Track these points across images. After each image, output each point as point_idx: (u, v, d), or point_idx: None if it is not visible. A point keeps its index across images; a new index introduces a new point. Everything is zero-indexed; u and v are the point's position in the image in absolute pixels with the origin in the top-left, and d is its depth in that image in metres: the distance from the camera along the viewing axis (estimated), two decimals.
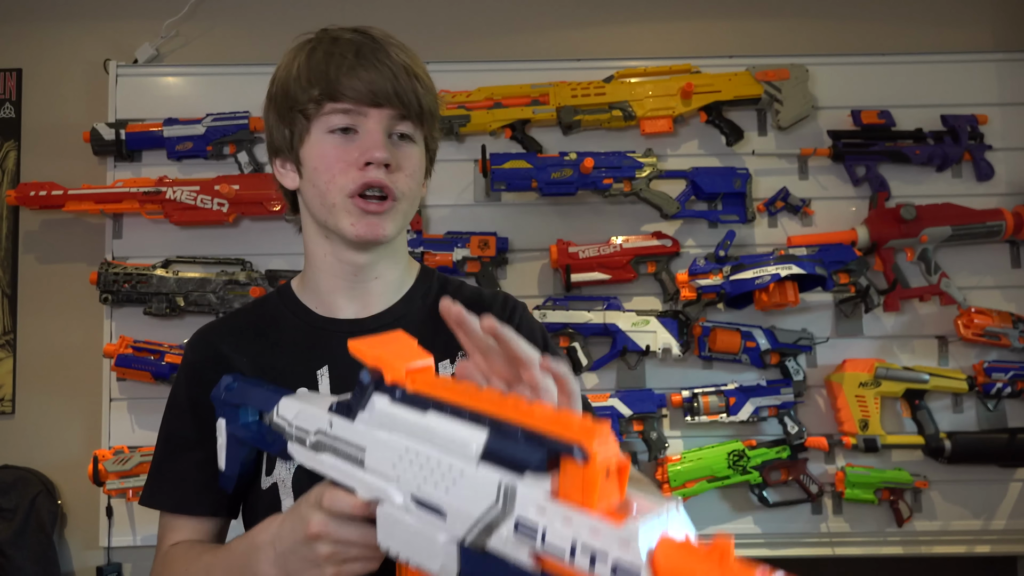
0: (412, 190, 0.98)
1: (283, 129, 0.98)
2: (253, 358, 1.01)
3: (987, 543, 2.19)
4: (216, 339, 1.04)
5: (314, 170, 0.96)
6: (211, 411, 0.96)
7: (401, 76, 0.94)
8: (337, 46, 0.95)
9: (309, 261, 1.05)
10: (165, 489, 1.02)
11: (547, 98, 2.21)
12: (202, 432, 0.98)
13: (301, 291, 1.06)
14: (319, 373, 0.99)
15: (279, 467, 0.97)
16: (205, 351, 1.03)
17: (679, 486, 2.08)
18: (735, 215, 2.21)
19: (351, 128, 0.95)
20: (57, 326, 2.26)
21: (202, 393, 0.96)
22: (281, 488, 0.97)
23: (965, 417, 2.21)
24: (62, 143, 2.29)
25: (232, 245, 2.22)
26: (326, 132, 0.95)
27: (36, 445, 2.22)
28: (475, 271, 2.17)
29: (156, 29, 2.33)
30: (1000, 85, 2.31)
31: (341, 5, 2.33)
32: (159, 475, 1.03)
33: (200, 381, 0.99)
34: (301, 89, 0.95)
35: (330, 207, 0.96)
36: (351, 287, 1.02)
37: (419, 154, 0.99)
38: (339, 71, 0.93)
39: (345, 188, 0.94)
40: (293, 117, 0.97)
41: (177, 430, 1.02)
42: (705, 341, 2.16)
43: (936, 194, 2.24)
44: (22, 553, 2.11)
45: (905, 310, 2.24)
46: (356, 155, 0.94)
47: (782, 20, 2.40)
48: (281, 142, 1.00)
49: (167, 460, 1.03)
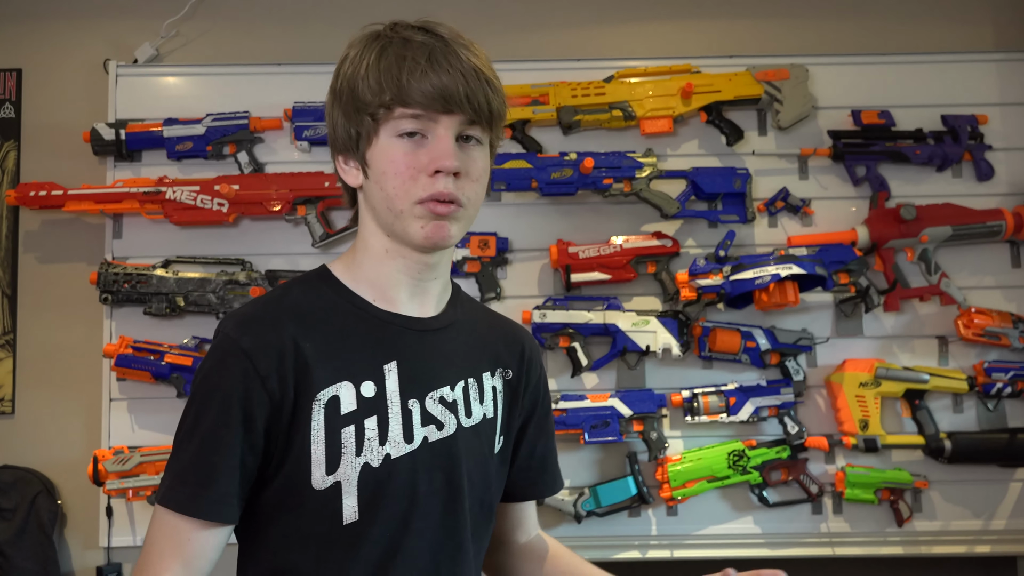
0: (478, 195, 0.98)
1: (349, 128, 0.97)
2: (318, 345, 0.95)
3: (987, 543, 2.18)
4: (273, 325, 0.94)
5: (383, 174, 0.95)
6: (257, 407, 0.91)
7: (472, 80, 0.93)
8: (408, 49, 0.93)
9: (367, 253, 1.00)
10: (193, 491, 0.92)
11: (547, 98, 2.21)
12: (249, 430, 0.92)
13: (352, 282, 1.01)
14: (387, 368, 0.97)
15: (345, 465, 0.93)
16: (262, 339, 0.93)
17: (679, 486, 2.08)
18: (735, 215, 2.21)
19: (419, 132, 0.94)
20: (57, 326, 2.26)
21: (254, 386, 0.91)
22: (344, 487, 0.93)
23: (965, 417, 2.21)
24: (62, 143, 2.29)
25: (232, 245, 2.22)
26: (395, 136, 0.94)
27: (36, 445, 2.22)
28: (475, 271, 2.17)
29: (156, 29, 2.33)
30: (1000, 85, 2.31)
31: (341, 6, 2.33)
32: (184, 473, 0.93)
33: (253, 373, 0.91)
34: (371, 91, 0.93)
35: (397, 213, 0.95)
36: (415, 284, 1.01)
37: (485, 157, 0.99)
38: (411, 76, 0.92)
39: (415, 196, 0.94)
40: (360, 118, 0.95)
41: (216, 422, 0.92)
42: (705, 341, 2.16)
43: (936, 194, 2.24)
44: (22, 553, 2.11)
45: (905, 310, 2.24)
46: (425, 162, 0.93)
47: (782, 20, 2.40)
48: (346, 141, 0.98)
49: (196, 455, 0.92)
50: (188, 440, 0.94)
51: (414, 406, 0.98)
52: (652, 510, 2.17)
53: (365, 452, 0.94)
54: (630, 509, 2.15)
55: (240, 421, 0.92)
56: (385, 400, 0.96)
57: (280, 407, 0.92)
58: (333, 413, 0.94)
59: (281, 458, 0.94)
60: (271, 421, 0.93)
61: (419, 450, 0.97)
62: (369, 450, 0.94)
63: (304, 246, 2.20)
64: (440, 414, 0.99)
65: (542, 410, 1.15)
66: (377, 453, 0.95)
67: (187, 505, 0.92)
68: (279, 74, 2.26)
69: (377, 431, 0.95)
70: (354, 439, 0.94)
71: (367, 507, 0.94)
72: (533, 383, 1.13)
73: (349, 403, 0.94)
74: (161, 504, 0.93)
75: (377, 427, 0.95)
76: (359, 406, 0.95)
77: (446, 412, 1.00)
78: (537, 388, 1.14)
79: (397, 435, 0.96)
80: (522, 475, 1.14)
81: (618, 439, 2.10)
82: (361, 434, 0.94)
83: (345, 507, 0.93)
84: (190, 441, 0.93)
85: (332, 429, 0.93)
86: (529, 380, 1.12)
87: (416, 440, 0.97)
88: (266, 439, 0.93)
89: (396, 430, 0.96)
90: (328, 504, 0.93)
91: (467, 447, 1.01)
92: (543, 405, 1.15)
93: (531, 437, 1.14)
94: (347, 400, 0.94)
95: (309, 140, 2.20)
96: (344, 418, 0.94)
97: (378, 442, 0.95)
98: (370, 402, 0.95)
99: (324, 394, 0.94)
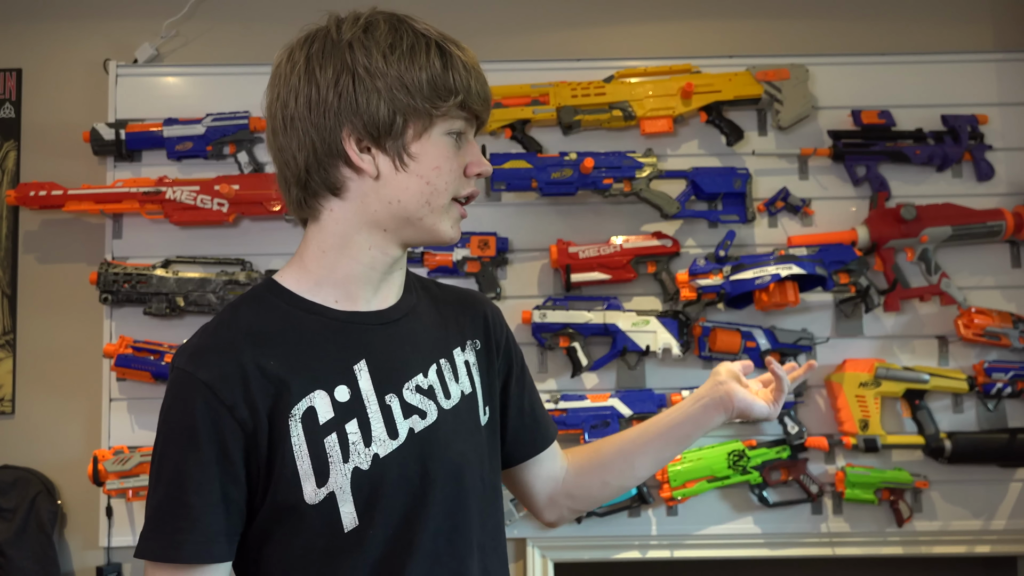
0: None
1: (395, 117, 0.93)
2: (280, 360, 0.92)
3: (987, 543, 2.18)
4: (228, 350, 0.92)
5: (435, 169, 0.96)
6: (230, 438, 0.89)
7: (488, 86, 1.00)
8: (464, 53, 0.98)
9: (340, 253, 0.98)
10: (178, 537, 0.89)
11: (547, 98, 2.21)
12: (226, 463, 0.89)
13: (308, 288, 0.98)
14: (357, 368, 0.96)
15: (335, 474, 0.92)
16: (220, 368, 0.90)
17: (679, 486, 2.08)
18: (735, 215, 2.21)
19: (461, 134, 0.99)
20: (57, 326, 2.25)
21: (221, 416, 0.89)
22: (339, 496, 0.92)
23: (965, 417, 2.21)
24: (62, 143, 2.29)
25: (232, 245, 2.22)
26: (445, 134, 0.97)
27: (36, 445, 2.22)
28: (475, 271, 2.17)
29: (156, 29, 2.33)
30: (1000, 85, 2.31)
31: (341, 6, 2.33)
32: (166, 517, 0.90)
33: (216, 401, 0.89)
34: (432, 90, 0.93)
35: (435, 207, 0.97)
36: (383, 279, 1.01)
37: None
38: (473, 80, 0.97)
39: (456, 192, 0.99)
40: (410, 109, 0.93)
41: (192, 462, 0.89)
42: (705, 341, 2.16)
43: (936, 194, 2.24)
44: (22, 553, 2.10)
45: (905, 310, 2.24)
46: (464, 162, 0.99)
47: (782, 20, 2.40)
48: (386, 127, 0.93)
49: (176, 499, 0.89)
50: (157, 485, 0.91)
51: (392, 401, 0.97)
52: (652, 510, 2.17)
53: (352, 457, 0.93)
54: (630, 509, 2.15)
55: (214, 457, 0.89)
56: (362, 401, 0.95)
57: (254, 434, 0.90)
58: (311, 425, 0.92)
59: (267, 482, 0.91)
60: (248, 450, 0.90)
61: (406, 443, 0.96)
62: (356, 454, 0.93)
63: None
64: (420, 403, 0.99)
65: (517, 368, 1.16)
66: (364, 456, 0.94)
67: (167, 553, 0.90)
68: None
69: (360, 434, 0.94)
70: (338, 446, 0.93)
71: (366, 511, 0.93)
72: (503, 345, 1.13)
73: (326, 411, 0.93)
74: (138, 557, 0.92)
75: (359, 430, 0.94)
76: (336, 412, 0.93)
77: (425, 400, 1.00)
78: (508, 348, 1.14)
79: (381, 433, 0.95)
80: (520, 434, 1.15)
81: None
82: (344, 440, 0.93)
83: (344, 515, 0.92)
84: (160, 486, 0.91)
85: (314, 441, 0.92)
86: (498, 343, 1.13)
87: (401, 434, 0.96)
88: (246, 468, 0.91)
89: (379, 429, 0.95)
90: (325, 516, 0.92)
91: (453, 429, 1.01)
92: (517, 363, 1.16)
93: (515, 396, 1.15)
94: (323, 409, 0.93)
95: None
96: (324, 427, 0.92)
97: (363, 444, 0.94)
98: (347, 406, 0.94)
99: (298, 408, 0.92)
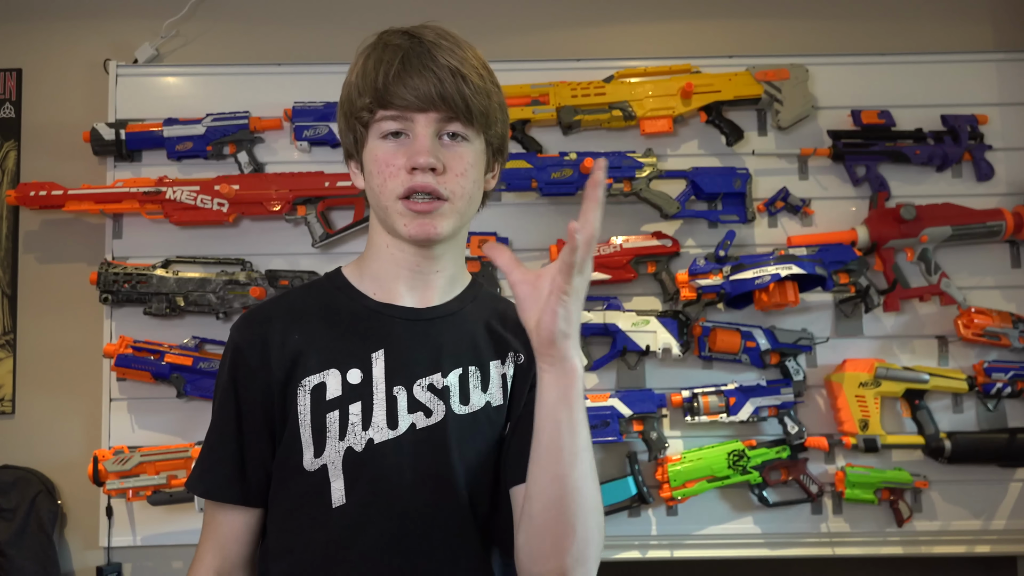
0: (464, 189, 1.01)
1: (348, 135, 1.05)
2: (307, 337, 1.02)
3: (987, 543, 2.19)
4: (263, 322, 1.04)
5: (370, 173, 1.02)
6: (251, 395, 1.01)
7: (447, 80, 0.98)
8: (387, 52, 1.00)
9: (372, 250, 1.08)
10: (203, 476, 1.04)
11: (547, 98, 2.21)
12: (241, 417, 1.02)
13: (357, 279, 1.08)
14: (374, 356, 1.02)
15: (329, 448, 0.99)
16: (251, 334, 1.03)
17: (679, 486, 2.08)
18: (735, 215, 2.21)
19: (402, 132, 1.00)
20: (57, 326, 2.25)
21: (245, 376, 1.02)
22: (331, 470, 0.98)
23: (965, 417, 2.21)
24: (62, 143, 2.29)
25: (232, 245, 2.22)
26: (379, 137, 1.01)
27: (36, 445, 2.22)
28: (475, 271, 2.17)
29: (156, 29, 2.33)
30: (1000, 85, 2.31)
31: (342, 6, 2.33)
32: (201, 461, 1.06)
33: (243, 364, 1.02)
34: (358, 96, 1.01)
35: (384, 208, 1.01)
36: (413, 276, 1.05)
37: (472, 152, 1.02)
38: (386, 79, 0.98)
39: (395, 191, 0.99)
40: (353, 123, 1.03)
41: (219, 414, 1.04)
42: (705, 341, 2.16)
43: (936, 194, 2.24)
44: (22, 553, 2.11)
45: (905, 310, 2.24)
46: (403, 159, 0.99)
47: (782, 20, 2.40)
48: (349, 146, 1.06)
49: (209, 445, 1.06)
50: (209, 431, 1.06)
51: (400, 393, 1.00)
52: (652, 510, 2.17)
53: (348, 436, 0.99)
54: (630, 509, 2.15)
55: (234, 413, 1.02)
56: (371, 387, 1.01)
57: (271, 393, 1.01)
58: (319, 398, 1.00)
59: (280, 438, 1.01)
60: (267, 408, 1.01)
61: (404, 436, 0.99)
62: (352, 435, 0.99)
63: (304, 246, 2.20)
64: (428, 401, 1.01)
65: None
66: (360, 437, 0.99)
67: (193, 485, 1.05)
68: (279, 74, 2.26)
69: (361, 416, 0.99)
70: (338, 423, 0.99)
71: (351, 490, 0.98)
72: None
73: (335, 389, 1.00)
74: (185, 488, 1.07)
75: (361, 412, 1.00)
76: (344, 392, 1.00)
77: (435, 399, 1.01)
78: None
79: (381, 420, 1.00)
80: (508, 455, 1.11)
81: (618, 439, 2.10)
82: (345, 419, 0.99)
83: (333, 490, 0.98)
84: (210, 431, 1.06)
85: (317, 413, 0.99)
86: None
87: (401, 426, 1.00)
88: (270, 424, 1.01)
89: (380, 416, 1.00)
90: (318, 486, 0.98)
91: (460, 434, 1.02)
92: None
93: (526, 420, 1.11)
94: (333, 387, 1.00)
95: (309, 140, 2.20)
96: (329, 403, 1.00)
97: (361, 427, 0.99)
98: (356, 388, 1.00)
99: (309, 380, 1.00)
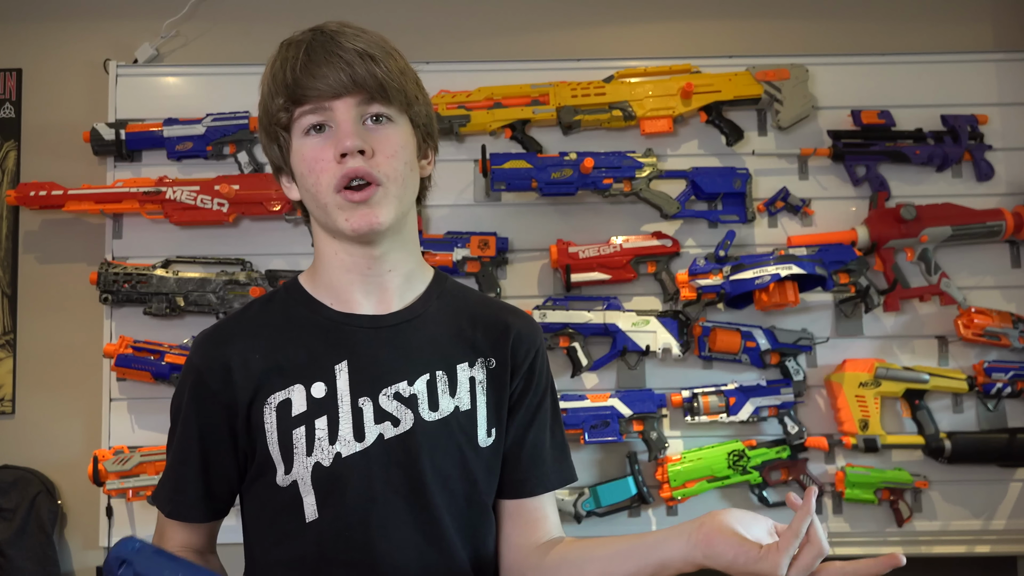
0: (397, 171, 0.97)
1: (272, 147, 1.01)
2: (269, 354, 1.00)
3: (987, 543, 2.19)
4: (221, 343, 1.02)
5: (301, 175, 0.98)
6: (213, 418, 1.00)
7: (355, 62, 0.95)
8: (291, 50, 0.97)
9: (321, 260, 1.04)
10: (168, 495, 1.05)
11: (547, 98, 2.21)
12: (204, 438, 1.01)
13: (313, 288, 1.05)
14: (337, 368, 1.00)
15: (298, 465, 0.98)
16: (210, 356, 1.02)
17: (679, 486, 2.08)
18: (735, 215, 2.21)
19: (325, 124, 0.96)
20: (57, 326, 2.26)
21: (207, 398, 1.00)
22: (301, 486, 0.98)
23: (965, 417, 2.21)
24: (62, 143, 2.29)
25: (232, 245, 2.22)
26: (303, 135, 0.97)
27: (36, 445, 2.22)
28: (475, 271, 2.17)
29: (156, 29, 2.33)
30: (1000, 85, 2.31)
31: (340, 6, 2.33)
32: (165, 479, 1.06)
33: (204, 387, 1.01)
34: (272, 100, 0.98)
35: (323, 207, 0.97)
36: (366, 280, 1.02)
37: (400, 133, 0.99)
38: (295, 73, 0.95)
39: (330, 184, 0.95)
40: (275, 132, 0.99)
41: (181, 436, 1.03)
42: (705, 341, 2.16)
43: (936, 194, 2.24)
44: (22, 553, 2.11)
45: (905, 310, 2.24)
46: (332, 151, 0.95)
47: (782, 20, 2.40)
48: (276, 159, 1.02)
49: (172, 465, 1.05)
50: (168, 449, 1.06)
51: (365, 404, 0.99)
52: (652, 510, 2.17)
53: (316, 452, 0.98)
54: (630, 509, 2.15)
55: (197, 433, 1.02)
56: (336, 400, 0.99)
57: (234, 414, 1.00)
58: (284, 415, 0.98)
59: (252, 456, 1.01)
60: (233, 429, 1.00)
61: (373, 448, 0.98)
62: (319, 450, 0.98)
63: (304, 246, 2.20)
64: (395, 410, 1.00)
65: (535, 396, 1.08)
66: (327, 452, 0.98)
67: (165, 506, 1.05)
68: None
69: (327, 431, 0.98)
70: (304, 439, 0.98)
71: (323, 504, 0.98)
72: (525, 367, 1.07)
73: (300, 405, 0.99)
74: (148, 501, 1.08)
75: (327, 427, 0.98)
76: (309, 407, 0.99)
77: (402, 408, 1.00)
78: (532, 371, 1.07)
79: (347, 434, 0.98)
80: (510, 466, 1.06)
81: (618, 439, 2.10)
82: (312, 434, 0.98)
83: (306, 505, 0.98)
84: (169, 450, 1.06)
85: (284, 430, 0.98)
86: (518, 364, 1.06)
87: (369, 438, 0.99)
88: (235, 443, 1.01)
89: (346, 429, 0.98)
90: (291, 502, 0.98)
91: (431, 441, 1.00)
92: (536, 390, 1.08)
93: (519, 423, 1.07)
94: (298, 402, 0.99)
95: None
96: (295, 419, 0.98)
97: (328, 441, 0.98)
98: (320, 402, 0.99)
99: (275, 397, 0.99)
